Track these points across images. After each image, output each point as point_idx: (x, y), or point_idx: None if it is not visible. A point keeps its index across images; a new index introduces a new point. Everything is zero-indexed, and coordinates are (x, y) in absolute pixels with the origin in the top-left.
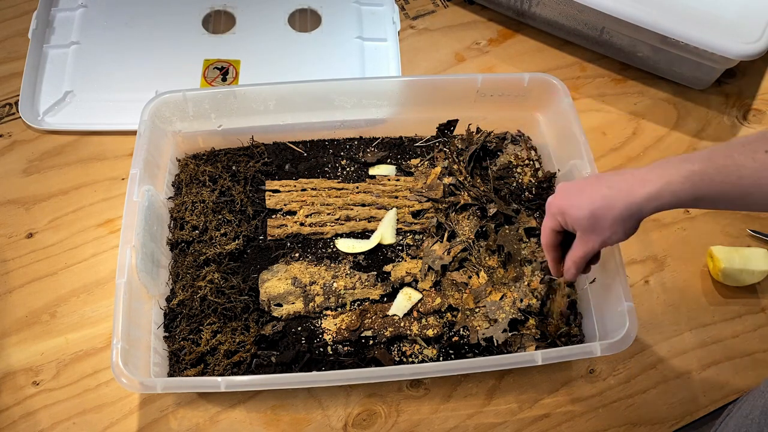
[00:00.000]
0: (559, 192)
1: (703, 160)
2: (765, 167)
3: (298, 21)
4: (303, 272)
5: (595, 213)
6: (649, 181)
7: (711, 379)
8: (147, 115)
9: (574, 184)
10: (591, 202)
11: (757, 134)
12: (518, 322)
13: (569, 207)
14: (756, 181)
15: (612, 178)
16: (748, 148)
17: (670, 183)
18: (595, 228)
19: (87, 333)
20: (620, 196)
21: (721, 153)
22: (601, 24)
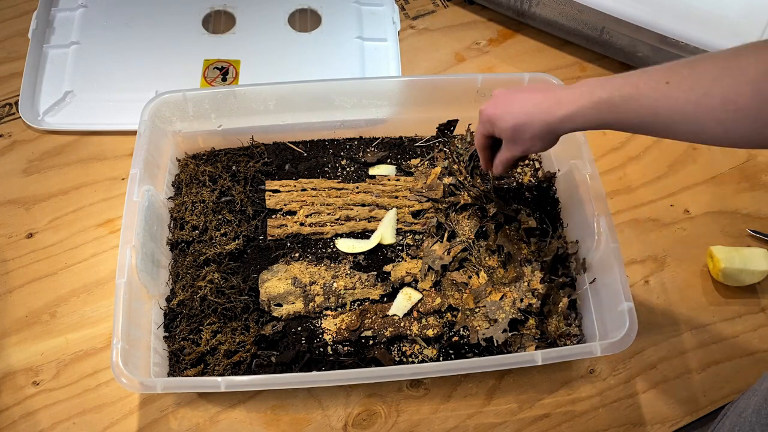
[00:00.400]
0: (492, 101)
1: (613, 88)
2: (663, 97)
3: (298, 21)
4: (303, 272)
5: (516, 127)
6: (565, 103)
7: (711, 379)
8: (147, 115)
9: (506, 95)
10: (515, 117)
11: (665, 65)
12: (518, 322)
13: (496, 118)
14: (654, 110)
15: (537, 96)
16: (653, 78)
17: (582, 108)
18: (517, 139)
19: (87, 333)
20: (540, 114)
21: (631, 82)
22: (601, 24)
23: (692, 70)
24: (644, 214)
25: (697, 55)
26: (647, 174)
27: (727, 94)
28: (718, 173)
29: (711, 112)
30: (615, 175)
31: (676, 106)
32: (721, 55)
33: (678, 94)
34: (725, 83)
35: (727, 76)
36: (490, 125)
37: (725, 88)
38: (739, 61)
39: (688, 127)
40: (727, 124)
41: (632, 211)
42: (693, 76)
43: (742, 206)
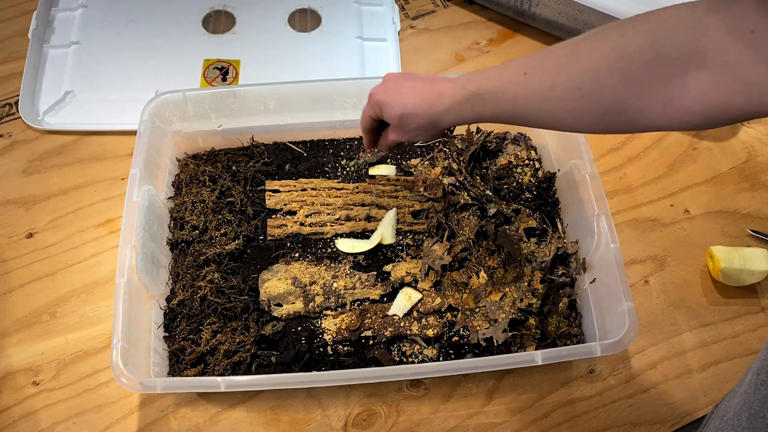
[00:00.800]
0: (382, 85)
1: (481, 81)
2: (520, 89)
3: (298, 21)
4: (303, 272)
5: (403, 116)
6: (444, 97)
7: (711, 379)
8: (147, 115)
9: (396, 82)
10: (402, 106)
11: (526, 56)
12: (518, 322)
13: (384, 105)
14: (513, 103)
15: (424, 86)
16: (513, 70)
17: (456, 102)
18: (402, 127)
19: (87, 333)
20: (425, 107)
21: (495, 75)
22: (601, 24)
23: (542, 60)
24: (644, 214)
25: (550, 46)
26: (647, 174)
27: (571, 82)
28: (718, 173)
29: (559, 101)
30: (615, 175)
31: (531, 97)
32: (567, 44)
33: (532, 85)
34: (569, 72)
35: (570, 65)
36: (378, 109)
37: (569, 77)
38: (579, 49)
39: (544, 116)
40: (576, 113)
41: (632, 211)
42: (543, 67)
43: (742, 206)
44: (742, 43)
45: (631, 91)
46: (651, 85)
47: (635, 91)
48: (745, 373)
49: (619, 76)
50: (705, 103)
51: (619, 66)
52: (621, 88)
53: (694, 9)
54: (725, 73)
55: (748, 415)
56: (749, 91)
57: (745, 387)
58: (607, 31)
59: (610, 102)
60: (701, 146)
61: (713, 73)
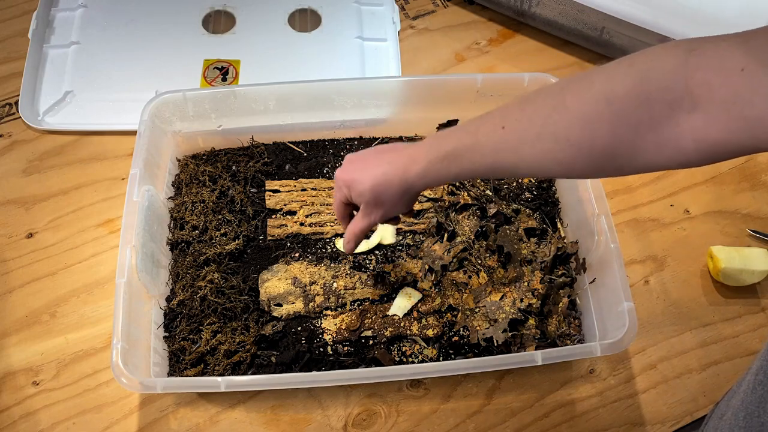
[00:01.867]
0: (345, 165)
1: (456, 139)
2: (501, 143)
3: (298, 21)
4: (303, 272)
5: (375, 189)
6: (418, 160)
7: (711, 379)
8: (147, 115)
9: (359, 157)
10: (373, 178)
11: (502, 108)
12: (518, 322)
13: (353, 181)
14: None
15: (391, 154)
16: (490, 124)
17: (431, 162)
18: (377, 202)
19: (87, 333)
20: (397, 173)
21: (471, 131)
22: (601, 24)
23: (523, 111)
24: (644, 214)
25: (529, 94)
26: (647, 174)
27: (559, 132)
28: (718, 173)
29: (548, 152)
30: None
31: (514, 150)
32: (549, 91)
33: (514, 138)
34: (555, 121)
35: (556, 113)
36: (347, 190)
37: (556, 127)
38: (564, 96)
39: (530, 168)
40: (566, 162)
41: (632, 211)
42: (525, 118)
43: (742, 206)
44: (735, 81)
45: (623, 137)
46: (643, 129)
47: (628, 136)
48: (745, 373)
49: (610, 121)
50: (701, 142)
51: (610, 111)
52: (613, 134)
53: (677, 49)
54: (721, 112)
55: (745, 414)
56: (752, 127)
57: (745, 387)
58: (591, 76)
59: (602, 149)
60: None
61: (707, 111)
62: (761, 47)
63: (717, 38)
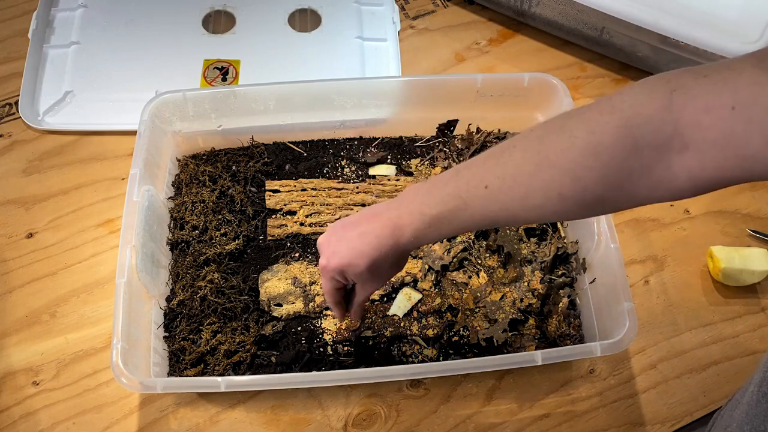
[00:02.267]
0: (327, 251)
1: (439, 204)
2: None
3: (298, 21)
4: (303, 272)
5: (371, 266)
6: (404, 227)
7: (711, 379)
8: (147, 115)
9: (339, 238)
10: (366, 256)
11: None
12: (518, 322)
13: (345, 266)
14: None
15: (374, 226)
16: (471, 184)
17: (418, 230)
18: (374, 276)
19: (87, 333)
20: (388, 244)
21: (453, 193)
22: (601, 24)
23: (505, 168)
24: (644, 214)
25: (506, 144)
26: None
27: (548, 188)
28: None
29: (539, 207)
30: None
31: (504, 208)
32: (527, 145)
33: (501, 197)
34: (543, 178)
35: (541, 170)
36: (341, 276)
37: (544, 183)
38: (545, 152)
39: (527, 220)
40: (558, 213)
41: (632, 211)
42: (508, 177)
43: (742, 206)
44: (726, 120)
45: (614, 185)
46: (635, 176)
47: (619, 184)
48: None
49: (600, 173)
50: (695, 180)
51: (599, 164)
52: (604, 185)
53: (657, 89)
54: (715, 151)
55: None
56: (749, 164)
57: (748, 398)
58: (571, 128)
59: (593, 198)
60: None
61: (699, 151)
62: (749, 83)
63: (694, 73)
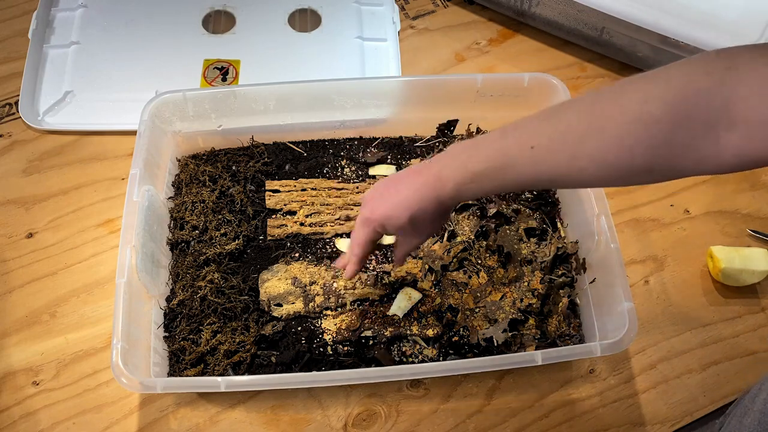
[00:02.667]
0: (372, 203)
1: (484, 159)
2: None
3: (298, 21)
4: (303, 272)
5: (412, 219)
6: (446, 182)
7: (711, 379)
8: (147, 115)
9: (384, 192)
10: (408, 208)
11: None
12: (518, 322)
13: (388, 218)
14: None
15: (417, 179)
16: (519, 143)
17: (461, 183)
18: (416, 230)
19: (87, 333)
20: (430, 197)
21: (500, 150)
22: (601, 24)
23: (555, 129)
24: (644, 214)
25: (557, 107)
26: None
27: (595, 153)
28: None
29: (583, 171)
30: None
31: (550, 168)
32: (581, 108)
33: (547, 158)
34: (591, 144)
35: (590, 135)
36: (381, 228)
37: (592, 149)
38: (597, 116)
39: (566, 184)
40: (603, 179)
41: (632, 211)
42: (557, 138)
43: (742, 206)
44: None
45: (661, 156)
46: (682, 148)
47: (666, 155)
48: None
49: (649, 143)
50: (741, 157)
51: (648, 134)
52: (651, 155)
53: (713, 65)
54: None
55: None
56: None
57: (760, 406)
58: (625, 93)
59: (639, 167)
60: None
61: (749, 130)
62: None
63: (751, 52)
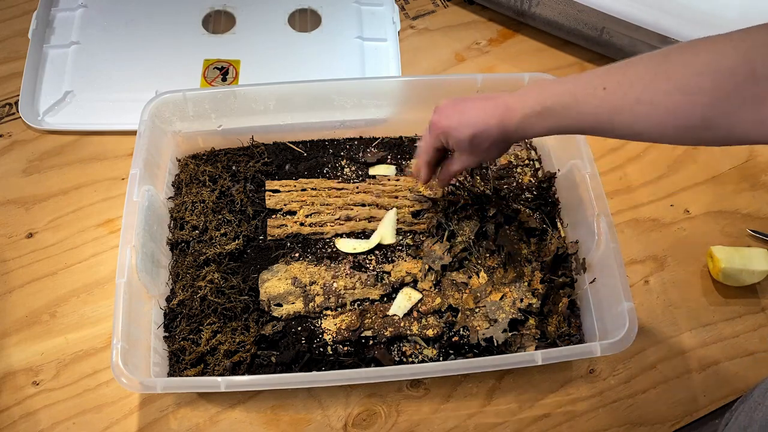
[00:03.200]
0: (442, 112)
1: (554, 95)
2: (602, 103)
3: (298, 21)
4: (303, 272)
5: (475, 137)
6: (514, 110)
7: (711, 379)
8: (147, 115)
9: (455, 106)
10: (472, 127)
11: (603, 69)
12: (518, 322)
13: (452, 129)
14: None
15: (488, 104)
16: (591, 84)
17: (528, 116)
18: (474, 149)
19: (87, 333)
20: (494, 122)
21: (569, 89)
22: (601, 24)
23: (625, 75)
24: (644, 214)
25: (632, 58)
26: (647, 174)
27: (658, 98)
28: (718, 173)
29: (644, 116)
30: (615, 175)
31: (612, 112)
32: (652, 57)
33: (614, 100)
34: (656, 88)
35: (657, 80)
36: (444, 137)
37: (656, 93)
38: (667, 64)
39: (624, 131)
40: (661, 127)
41: (632, 211)
42: (626, 82)
43: (742, 206)
44: None
45: (722, 110)
46: (744, 105)
47: (727, 110)
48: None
49: (712, 95)
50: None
51: (713, 84)
52: (712, 106)
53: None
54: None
55: None
56: None
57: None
58: (697, 46)
59: (699, 119)
60: (701, 146)
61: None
62: None
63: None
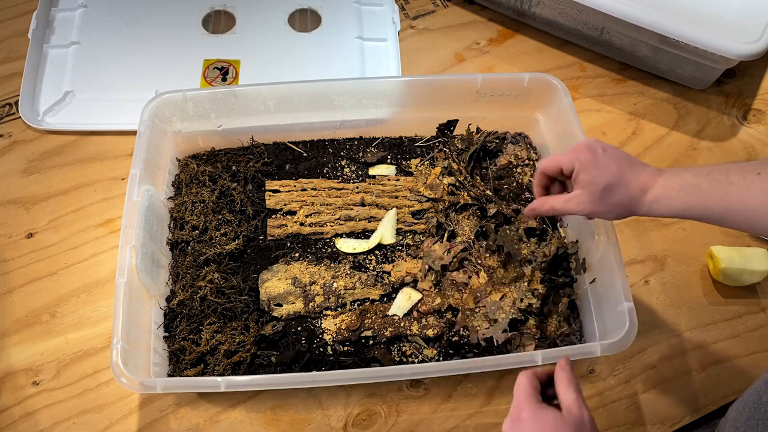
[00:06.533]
0: (595, 148)
1: (701, 173)
2: (753, 186)
3: (298, 21)
4: (303, 272)
5: (610, 186)
6: (657, 183)
7: (711, 379)
8: (147, 115)
9: (610, 152)
10: (615, 176)
11: (757, 161)
12: (518, 322)
13: (596, 165)
14: (742, 199)
15: (637, 166)
16: (744, 169)
17: (668, 188)
18: (600, 198)
19: (87, 333)
20: (632, 181)
21: (720, 169)
22: (601, 24)
23: None
24: None
25: None
26: None
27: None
28: None
29: None
30: None
31: (766, 197)
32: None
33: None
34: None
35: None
36: (579, 165)
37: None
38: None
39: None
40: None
41: None
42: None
43: None
44: None
45: None
46: None
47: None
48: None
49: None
50: None
51: None
52: None
53: None
54: None
55: None
56: None
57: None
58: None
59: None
60: (701, 146)
61: None
62: None
63: None
